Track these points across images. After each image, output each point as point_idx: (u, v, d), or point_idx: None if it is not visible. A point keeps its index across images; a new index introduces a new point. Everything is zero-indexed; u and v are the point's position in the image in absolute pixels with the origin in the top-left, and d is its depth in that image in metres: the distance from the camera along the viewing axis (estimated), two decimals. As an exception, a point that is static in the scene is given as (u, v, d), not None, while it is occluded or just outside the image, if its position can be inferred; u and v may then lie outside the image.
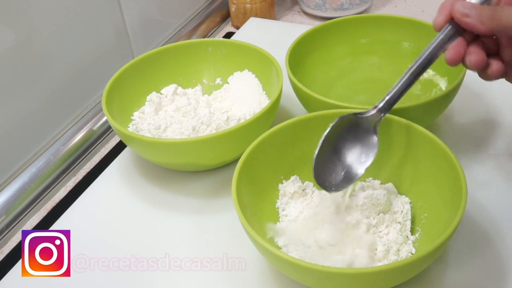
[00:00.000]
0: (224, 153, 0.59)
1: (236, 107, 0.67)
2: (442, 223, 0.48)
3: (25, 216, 0.63)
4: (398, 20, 0.70)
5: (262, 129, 0.56)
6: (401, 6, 0.93)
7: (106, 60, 0.75)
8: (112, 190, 0.62)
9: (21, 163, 0.66)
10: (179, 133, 0.61)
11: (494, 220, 0.54)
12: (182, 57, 0.70)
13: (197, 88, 0.70)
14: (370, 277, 0.42)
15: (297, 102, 0.63)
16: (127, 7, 0.76)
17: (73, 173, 0.68)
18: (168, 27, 0.87)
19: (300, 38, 0.67)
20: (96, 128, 0.72)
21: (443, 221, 0.48)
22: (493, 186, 0.58)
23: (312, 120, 0.56)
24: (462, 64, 0.47)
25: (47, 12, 0.65)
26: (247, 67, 0.69)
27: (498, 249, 0.52)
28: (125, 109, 0.65)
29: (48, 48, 0.66)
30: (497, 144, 0.62)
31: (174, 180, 0.62)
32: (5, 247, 0.60)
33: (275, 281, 0.51)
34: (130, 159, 0.65)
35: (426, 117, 0.59)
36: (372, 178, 0.57)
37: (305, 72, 0.68)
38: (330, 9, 0.90)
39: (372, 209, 0.52)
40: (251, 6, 0.89)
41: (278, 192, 0.56)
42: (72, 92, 0.71)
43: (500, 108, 0.67)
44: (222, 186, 0.60)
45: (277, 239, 0.52)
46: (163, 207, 0.59)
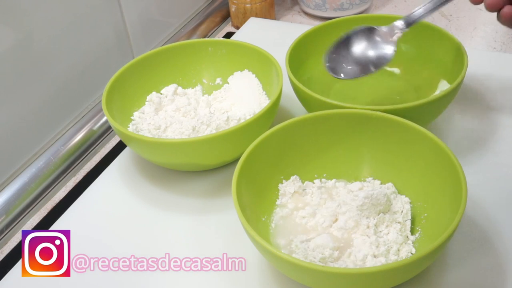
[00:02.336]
0: (224, 153, 0.59)
1: (236, 107, 0.67)
2: (442, 223, 0.48)
3: (25, 216, 0.63)
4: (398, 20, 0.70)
5: (262, 129, 0.56)
6: (401, 6, 0.93)
7: (106, 60, 0.75)
8: (112, 190, 0.62)
9: (21, 163, 0.66)
10: (179, 133, 0.61)
11: (494, 220, 0.54)
12: (182, 57, 0.70)
13: (197, 88, 0.70)
14: (370, 277, 0.42)
15: (297, 102, 0.63)
16: (127, 7, 0.76)
17: (73, 173, 0.68)
18: (168, 27, 0.87)
19: (300, 38, 0.67)
20: (96, 128, 0.72)
21: (443, 221, 0.48)
22: (493, 186, 0.58)
23: (312, 120, 0.56)
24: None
25: (47, 12, 0.65)
26: (247, 67, 0.69)
27: (497, 249, 0.52)
28: (125, 109, 0.65)
29: (48, 48, 0.66)
30: (497, 144, 0.62)
31: (174, 180, 0.62)
32: (5, 247, 0.60)
33: (275, 281, 0.51)
34: (130, 159, 0.65)
35: (426, 117, 0.59)
36: (372, 178, 0.57)
37: (305, 72, 0.68)
38: (330, 9, 0.90)
39: (372, 209, 0.52)
40: (251, 6, 0.89)
41: (278, 192, 0.56)
42: (72, 92, 0.71)
43: (500, 108, 0.67)
44: (222, 186, 0.60)
45: (277, 239, 0.52)
46: (163, 207, 0.59)
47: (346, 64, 0.58)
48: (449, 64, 0.65)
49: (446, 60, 0.66)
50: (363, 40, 0.58)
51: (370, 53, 0.58)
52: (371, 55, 0.58)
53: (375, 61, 0.58)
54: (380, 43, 0.58)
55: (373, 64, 0.58)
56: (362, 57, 0.58)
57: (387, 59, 0.58)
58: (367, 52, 0.58)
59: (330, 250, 0.49)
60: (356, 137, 0.57)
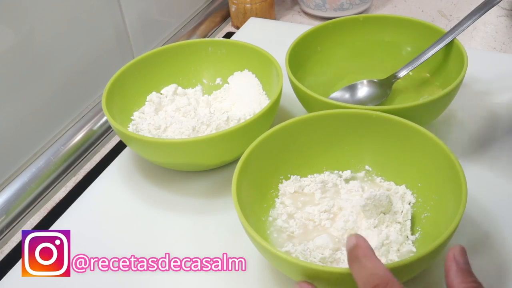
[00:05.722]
0: (224, 153, 0.59)
1: (236, 107, 0.67)
2: (442, 223, 0.48)
3: (25, 216, 0.63)
4: (398, 20, 0.70)
5: (262, 129, 0.56)
6: (401, 6, 0.93)
7: (106, 60, 0.75)
8: (112, 190, 0.62)
9: (21, 163, 0.66)
10: (179, 133, 0.61)
11: (494, 220, 0.54)
12: (182, 57, 0.70)
13: (197, 88, 0.70)
14: (370, 277, 0.42)
15: (297, 102, 0.63)
16: (127, 7, 0.76)
17: (73, 173, 0.68)
18: (168, 27, 0.87)
19: (300, 38, 0.67)
20: (96, 128, 0.72)
21: (443, 221, 0.48)
22: (493, 186, 0.58)
23: (312, 120, 0.56)
24: None
25: (47, 12, 0.65)
26: (247, 67, 0.69)
27: (498, 249, 0.52)
28: (125, 109, 0.65)
29: (48, 48, 0.66)
30: (497, 144, 0.62)
31: (174, 180, 0.62)
32: (5, 247, 0.60)
33: (275, 281, 0.51)
34: (130, 159, 0.65)
35: (426, 117, 0.59)
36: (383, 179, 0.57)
37: (305, 72, 0.68)
38: (330, 9, 0.90)
39: (374, 210, 0.52)
40: (251, 6, 0.89)
41: (278, 192, 0.56)
42: (72, 92, 0.71)
43: (500, 108, 0.67)
44: (222, 186, 0.60)
45: (277, 239, 0.52)
46: (163, 207, 0.59)
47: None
48: (449, 64, 0.65)
49: (446, 60, 0.66)
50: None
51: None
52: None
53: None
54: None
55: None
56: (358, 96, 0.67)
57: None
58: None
59: (330, 250, 0.49)
60: (356, 137, 0.57)
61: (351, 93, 0.67)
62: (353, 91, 0.67)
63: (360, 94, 0.67)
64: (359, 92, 0.67)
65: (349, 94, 0.67)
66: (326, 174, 0.58)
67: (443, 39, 0.64)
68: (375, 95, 0.66)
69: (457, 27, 0.64)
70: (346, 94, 0.67)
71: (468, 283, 0.39)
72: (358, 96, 0.67)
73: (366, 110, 0.55)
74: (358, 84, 0.67)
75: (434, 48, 0.65)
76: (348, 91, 0.67)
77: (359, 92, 0.67)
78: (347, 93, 0.67)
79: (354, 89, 0.67)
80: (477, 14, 0.64)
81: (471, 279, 0.40)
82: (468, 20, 0.64)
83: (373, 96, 0.66)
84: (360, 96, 0.67)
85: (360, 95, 0.67)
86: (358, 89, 0.67)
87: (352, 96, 0.67)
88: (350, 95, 0.67)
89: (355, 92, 0.67)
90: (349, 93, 0.67)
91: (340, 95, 0.67)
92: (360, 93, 0.67)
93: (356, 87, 0.67)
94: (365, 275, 0.39)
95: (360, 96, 0.67)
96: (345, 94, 0.67)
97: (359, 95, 0.67)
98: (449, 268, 0.40)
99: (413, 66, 0.66)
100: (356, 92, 0.67)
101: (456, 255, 0.41)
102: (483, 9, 0.64)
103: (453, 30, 0.64)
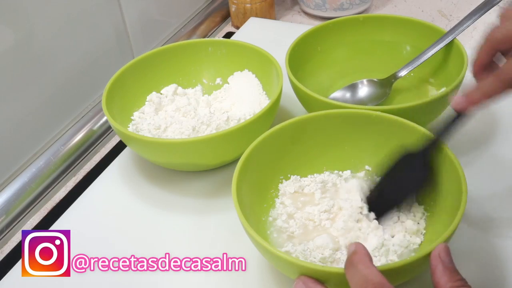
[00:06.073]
0: (224, 153, 0.59)
1: (236, 107, 0.67)
2: (442, 223, 0.48)
3: (25, 216, 0.63)
4: (398, 20, 0.70)
5: (262, 129, 0.56)
6: (401, 6, 0.93)
7: (106, 60, 0.75)
8: (112, 190, 0.62)
9: (21, 163, 0.66)
10: (179, 133, 0.61)
11: (494, 220, 0.54)
12: (182, 57, 0.70)
13: (197, 88, 0.70)
14: (370, 277, 0.42)
15: (297, 102, 0.63)
16: (127, 7, 0.76)
17: (73, 173, 0.68)
18: (168, 27, 0.87)
19: (300, 38, 0.67)
20: (96, 128, 0.72)
21: (443, 221, 0.48)
22: (493, 186, 0.58)
23: (312, 120, 0.56)
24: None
25: (47, 12, 0.65)
26: (247, 67, 0.69)
27: (498, 249, 0.52)
28: (125, 109, 0.65)
29: (48, 48, 0.66)
30: (497, 144, 0.62)
31: (174, 180, 0.62)
32: (5, 247, 0.60)
33: (275, 281, 0.51)
34: (130, 159, 0.65)
35: (426, 117, 0.59)
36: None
37: (305, 72, 0.68)
38: (330, 9, 0.90)
39: (373, 210, 0.52)
40: (251, 6, 0.89)
41: (278, 192, 0.56)
42: (72, 92, 0.71)
43: (500, 108, 0.67)
44: (222, 186, 0.60)
45: (277, 239, 0.52)
46: (163, 207, 0.59)
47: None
48: (449, 64, 0.65)
49: (446, 60, 0.66)
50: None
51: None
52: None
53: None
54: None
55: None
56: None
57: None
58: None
59: (330, 250, 0.49)
60: (356, 137, 0.57)
61: (351, 93, 0.67)
62: (353, 91, 0.67)
63: (360, 94, 0.67)
64: (359, 92, 0.67)
65: (349, 94, 0.67)
66: (326, 174, 0.58)
67: (443, 39, 0.64)
68: (375, 94, 0.66)
69: (457, 27, 0.64)
70: (346, 94, 0.67)
71: (454, 281, 0.40)
72: (358, 96, 0.67)
73: (366, 110, 0.55)
74: (358, 83, 0.67)
75: (434, 48, 0.65)
76: (348, 90, 0.67)
77: (359, 91, 0.67)
78: (347, 92, 0.67)
79: (354, 89, 0.67)
80: (477, 14, 0.64)
81: (457, 277, 0.40)
82: (468, 20, 0.64)
83: (373, 95, 0.66)
84: (360, 96, 0.67)
85: (360, 95, 0.67)
86: (358, 88, 0.67)
87: (352, 96, 0.67)
88: (350, 95, 0.67)
89: (355, 92, 0.67)
90: (349, 92, 0.67)
91: (340, 95, 0.67)
92: (360, 92, 0.67)
93: (356, 87, 0.67)
94: (358, 281, 0.39)
95: (360, 96, 0.67)
96: (345, 93, 0.67)
97: (359, 94, 0.67)
98: (435, 267, 0.41)
99: (413, 66, 0.66)
100: (356, 91, 0.67)
101: (441, 254, 0.41)
102: (483, 9, 0.64)
103: (453, 30, 0.64)
